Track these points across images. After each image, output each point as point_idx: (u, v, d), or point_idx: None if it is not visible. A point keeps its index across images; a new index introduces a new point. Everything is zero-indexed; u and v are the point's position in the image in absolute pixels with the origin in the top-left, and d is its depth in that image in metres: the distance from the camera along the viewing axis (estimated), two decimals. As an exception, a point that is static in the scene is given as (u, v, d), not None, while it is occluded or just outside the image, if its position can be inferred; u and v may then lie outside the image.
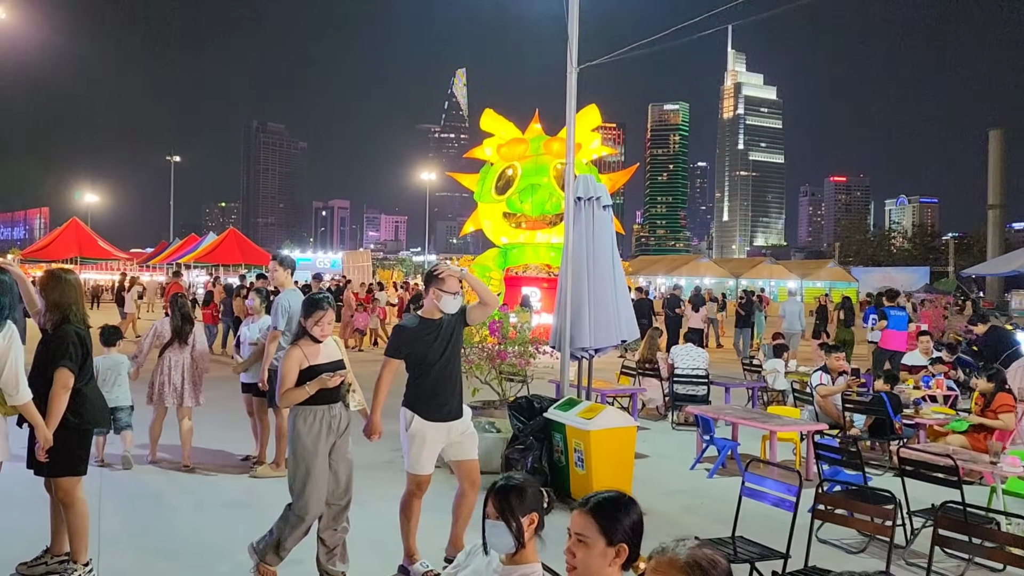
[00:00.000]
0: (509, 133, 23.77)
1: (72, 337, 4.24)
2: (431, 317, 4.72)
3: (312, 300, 4.53)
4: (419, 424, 4.65)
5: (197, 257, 48.63)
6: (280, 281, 6.89)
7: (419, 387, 4.69)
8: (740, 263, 58.62)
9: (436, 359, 4.66)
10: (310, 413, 4.36)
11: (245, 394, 7.30)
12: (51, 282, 4.36)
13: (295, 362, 4.36)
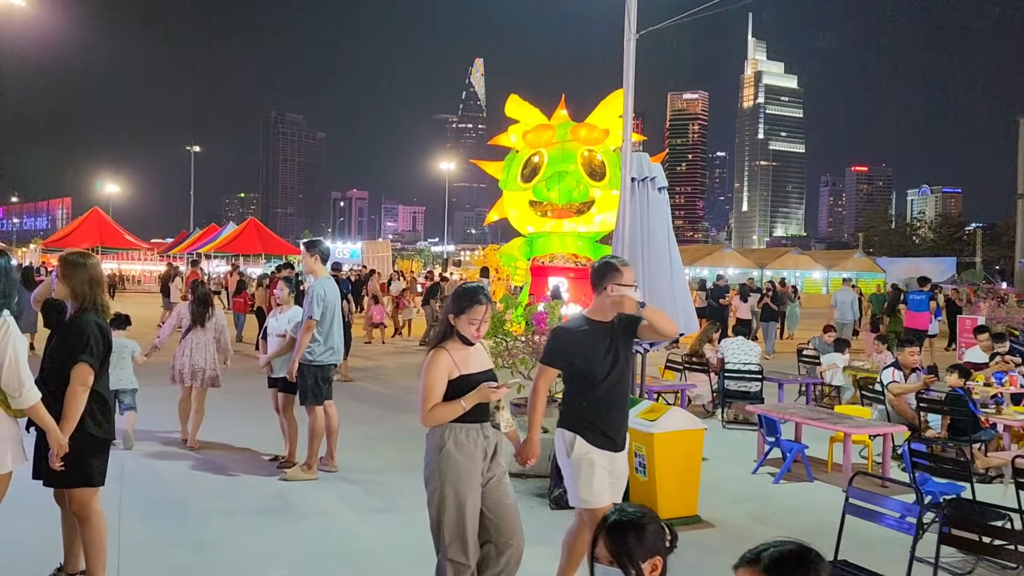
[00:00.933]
0: (535, 119, 23.13)
1: (92, 328, 3.75)
2: (601, 319, 3.78)
3: (466, 291, 3.62)
4: (583, 446, 3.74)
5: (217, 247, 48.52)
6: (311, 269, 6.42)
7: (582, 407, 3.77)
8: (764, 253, 57.63)
9: (606, 373, 3.74)
10: (463, 433, 3.49)
11: (272, 389, 6.83)
12: (70, 267, 3.86)
13: (443, 370, 3.51)
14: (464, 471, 3.44)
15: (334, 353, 6.37)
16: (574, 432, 3.76)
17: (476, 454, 3.49)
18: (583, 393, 3.77)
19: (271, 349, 6.63)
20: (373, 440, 7.78)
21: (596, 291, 3.80)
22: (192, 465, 6.69)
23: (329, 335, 6.27)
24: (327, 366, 6.34)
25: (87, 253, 4.06)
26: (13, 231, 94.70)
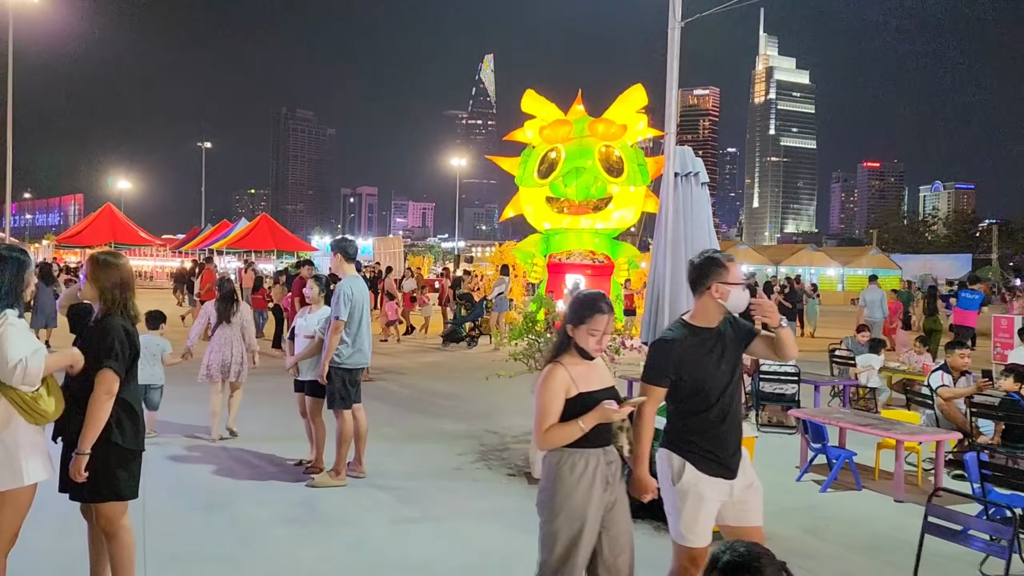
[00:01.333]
0: (551, 114, 22.86)
1: (119, 332, 3.51)
2: (707, 325, 3.31)
3: (587, 299, 3.22)
4: (693, 476, 3.25)
5: (229, 243, 48.46)
6: (338, 268, 6.20)
7: (692, 427, 3.30)
8: (779, 250, 57.18)
9: (721, 389, 3.27)
10: (581, 458, 3.09)
11: (298, 393, 6.60)
12: (100, 268, 3.61)
13: (560, 387, 3.11)
14: (581, 503, 3.05)
15: (363, 355, 6.14)
16: (683, 457, 3.28)
17: (596, 482, 3.09)
18: (694, 413, 3.28)
19: (298, 350, 6.40)
20: (398, 443, 7.55)
21: (697, 291, 3.31)
22: (216, 470, 6.47)
23: (358, 336, 6.04)
24: (356, 369, 6.11)
25: (118, 253, 3.81)
26: (26, 227, 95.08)
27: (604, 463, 3.14)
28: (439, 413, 9.21)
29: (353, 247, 6.23)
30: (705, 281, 3.27)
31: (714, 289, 3.24)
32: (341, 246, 6.17)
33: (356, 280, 6.09)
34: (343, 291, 5.91)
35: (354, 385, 6.13)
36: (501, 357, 15.18)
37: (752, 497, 3.36)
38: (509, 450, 7.37)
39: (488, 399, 10.03)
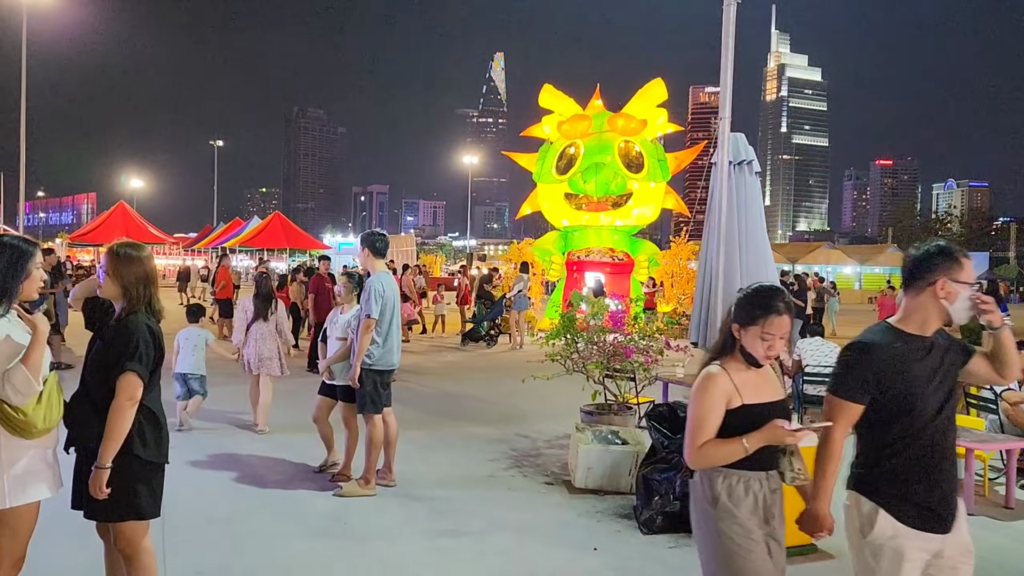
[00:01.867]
0: (569, 109, 22.48)
1: (142, 332, 3.16)
2: (920, 332, 2.63)
3: (761, 295, 2.73)
4: (889, 525, 2.54)
5: (242, 241, 48.28)
6: (366, 263, 5.85)
7: (891, 462, 2.58)
8: (796, 248, 56.55)
9: (935, 411, 2.57)
10: (739, 481, 2.64)
11: (321, 396, 6.23)
12: (121, 262, 3.24)
13: (720, 396, 2.65)
14: (745, 535, 2.60)
15: (393, 356, 5.79)
16: (875, 502, 2.57)
17: (758, 512, 2.64)
18: (896, 440, 2.57)
19: (330, 353, 6.06)
20: (427, 449, 7.19)
21: (912, 288, 2.62)
22: (237, 477, 6.13)
23: (388, 336, 5.70)
24: (387, 371, 5.76)
25: (140, 245, 3.44)
26: (39, 226, 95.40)
27: (768, 490, 2.67)
28: (466, 416, 8.86)
29: (383, 241, 5.88)
30: (928, 276, 2.57)
31: (940, 286, 2.55)
32: (370, 240, 5.81)
33: (386, 276, 5.74)
34: (373, 287, 5.56)
35: (385, 388, 5.79)
36: (522, 357, 14.96)
37: (964, 566, 2.61)
38: (543, 456, 7.00)
39: (515, 400, 9.67)
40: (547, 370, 6.56)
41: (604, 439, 5.94)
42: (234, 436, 7.53)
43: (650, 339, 6.23)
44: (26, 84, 31.99)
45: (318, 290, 12.20)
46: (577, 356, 6.37)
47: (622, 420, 6.29)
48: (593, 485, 5.83)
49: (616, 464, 5.78)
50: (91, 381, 3.19)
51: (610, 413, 6.33)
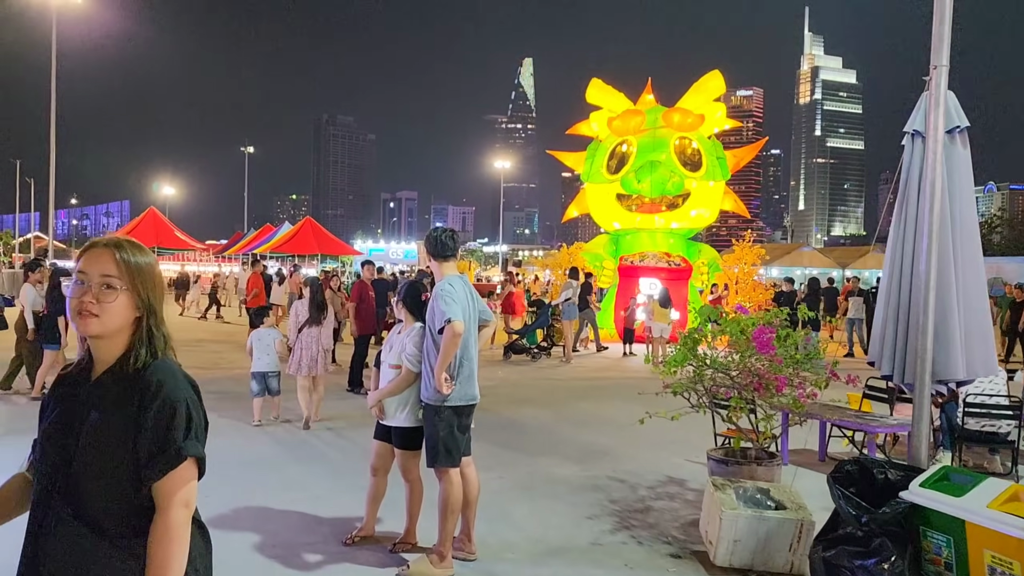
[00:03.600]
0: (620, 105, 21.02)
1: (184, 389, 1.81)
2: None
3: None
4: None
5: (273, 247, 47.36)
6: (433, 268, 4.50)
7: None
8: (846, 252, 54.39)
9: None
10: None
11: (379, 442, 4.80)
12: (141, 271, 1.84)
13: None
14: None
15: (473, 386, 4.42)
16: None
17: None
18: None
19: (383, 383, 4.66)
20: (505, 499, 5.78)
21: None
22: (272, 548, 4.78)
23: (466, 358, 4.32)
24: (466, 407, 4.38)
25: (142, 248, 1.97)
26: (72, 235, 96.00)
27: None
28: (539, 450, 7.43)
29: (452, 242, 4.47)
30: None
31: None
32: (435, 241, 4.43)
33: (458, 279, 4.36)
34: (444, 290, 4.19)
35: (463, 431, 4.40)
36: (576, 373, 13.51)
37: None
38: (653, 511, 5.56)
39: (587, 428, 8.29)
40: (666, 406, 5.13)
41: (752, 500, 4.50)
42: (260, 474, 6.20)
43: (806, 365, 4.75)
44: (56, 91, 31.34)
45: (361, 299, 10.91)
46: (702, 388, 4.91)
47: (768, 473, 4.83)
48: (740, 563, 4.38)
49: (771, 536, 4.32)
50: (91, 491, 1.78)
51: (751, 463, 4.86)
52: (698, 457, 6.38)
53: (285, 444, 7.44)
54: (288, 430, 8.02)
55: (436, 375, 4.14)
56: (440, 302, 4.16)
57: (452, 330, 4.06)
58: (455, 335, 4.07)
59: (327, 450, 7.27)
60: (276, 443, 7.49)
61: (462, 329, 4.10)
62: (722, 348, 5.23)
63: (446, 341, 4.08)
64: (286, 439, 7.65)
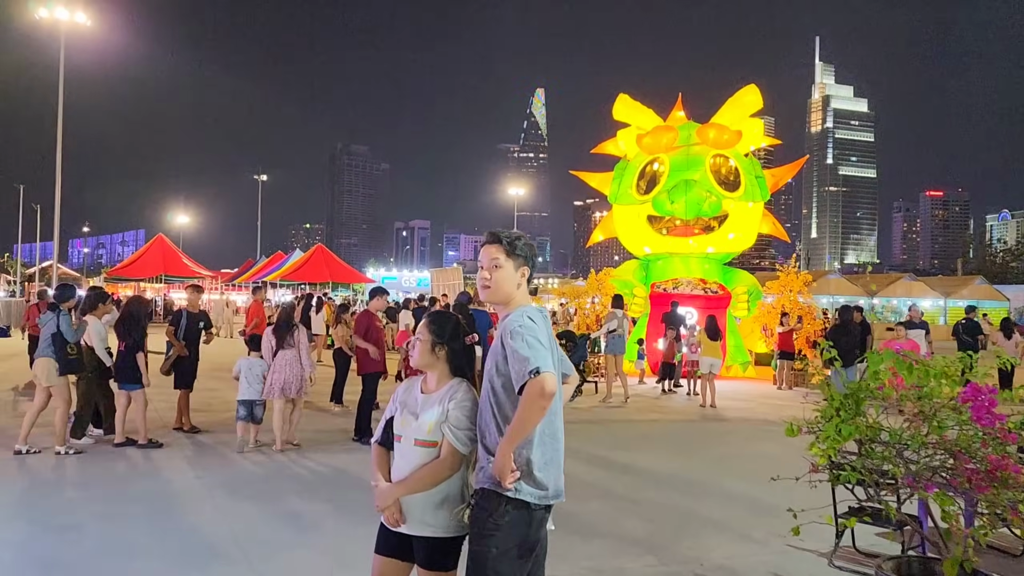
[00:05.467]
0: (649, 121, 19.65)
1: None
2: None
3: None
4: None
5: (284, 275, 46.30)
6: (501, 289, 2.99)
7: None
8: (875, 280, 52.72)
9: None
10: None
11: (384, 558, 2.95)
12: None
13: None
14: None
15: (558, 470, 2.86)
16: None
17: None
18: None
19: (399, 472, 2.98)
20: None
21: None
22: None
23: (549, 434, 2.79)
24: (542, 509, 2.82)
25: None
26: (84, 263, 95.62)
27: None
28: (593, 527, 5.82)
29: (533, 254, 2.99)
30: None
31: None
32: (509, 241, 2.94)
33: (539, 313, 2.85)
34: (524, 325, 2.71)
35: (527, 553, 2.81)
36: (612, 415, 11.93)
37: None
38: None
39: (648, 489, 6.79)
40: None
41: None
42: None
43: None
44: (63, 115, 30.40)
45: (366, 332, 9.34)
46: (875, 473, 3.34)
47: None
48: None
49: None
50: None
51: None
52: (817, 541, 4.81)
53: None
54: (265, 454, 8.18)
55: (501, 455, 2.65)
56: (518, 343, 2.65)
57: (540, 388, 2.57)
58: (543, 395, 2.57)
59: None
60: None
61: (554, 387, 2.61)
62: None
63: (528, 404, 2.58)
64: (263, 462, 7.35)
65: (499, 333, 2.78)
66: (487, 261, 2.91)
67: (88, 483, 6.87)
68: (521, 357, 2.62)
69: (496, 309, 2.98)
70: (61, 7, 29.71)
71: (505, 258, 2.89)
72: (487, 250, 2.93)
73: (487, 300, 2.95)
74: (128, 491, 6.60)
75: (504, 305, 2.90)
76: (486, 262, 2.91)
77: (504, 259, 2.89)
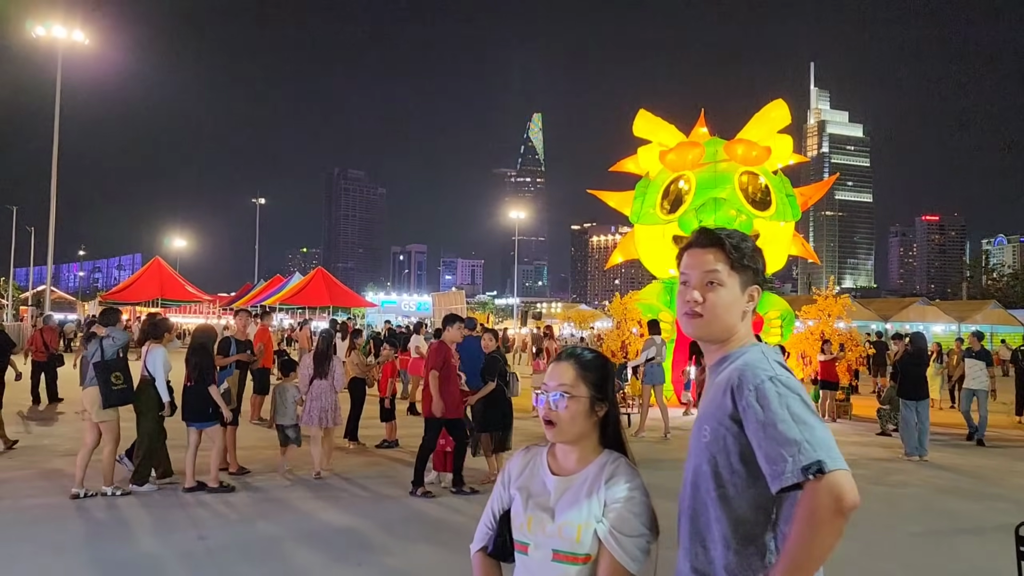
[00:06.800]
0: (671, 138, 18.78)
1: None
2: None
3: None
4: None
5: (283, 299, 45.31)
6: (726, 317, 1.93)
7: None
8: (887, 304, 51.66)
9: None
10: None
11: None
12: None
13: None
14: None
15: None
16: None
17: None
18: None
19: None
20: None
21: None
22: None
23: None
24: None
25: None
26: (79, 287, 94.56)
27: None
28: None
29: (757, 255, 1.95)
30: None
31: None
32: (734, 246, 1.86)
33: (773, 351, 1.83)
34: (778, 378, 1.68)
35: None
36: (661, 453, 10.85)
37: None
38: None
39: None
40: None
41: None
42: None
43: None
44: (58, 136, 29.50)
45: (444, 367, 7.69)
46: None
47: None
48: None
49: None
50: None
51: None
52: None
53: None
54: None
55: None
56: (776, 412, 1.61)
57: (833, 497, 1.52)
58: (839, 511, 1.52)
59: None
60: None
61: (856, 495, 1.53)
62: None
63: (815, 525, 1.52)
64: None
65: (726, 385, 1.76)
66: (698, 275, 1.87)
67: (159, 529, 6.25)
68: (787, 439, 1.58)
69: (706, 350, 1.93)
70: (58, 25, 29.00)
71: (729, 272, 1.85)
72: (699, 257, 1.89)
73: (695, 335, 1.90)
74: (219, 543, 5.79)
75: (719, 344, 1.88)
76: (696, 276, 1.87)
77: (727, 274, 1.85)
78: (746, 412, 1.66)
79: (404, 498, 7.60)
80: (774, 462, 1.58)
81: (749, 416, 1.65)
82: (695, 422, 1.87)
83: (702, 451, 1.78)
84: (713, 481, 1.74)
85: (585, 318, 40.35)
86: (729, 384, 1.74)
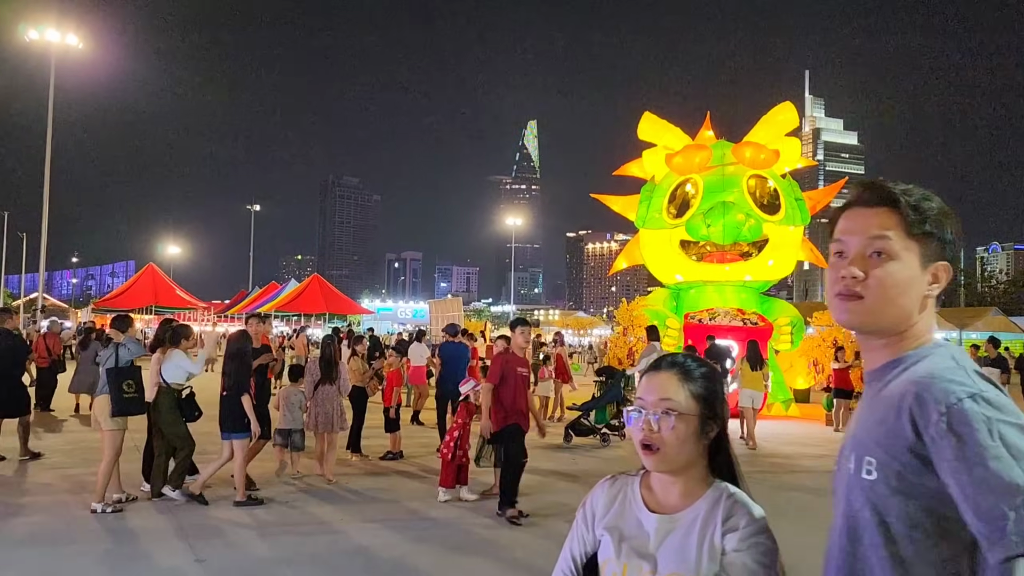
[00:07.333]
0: (677, 141, 18.41)
1: None
2: None
3: None
4: None
5: (278, 306, 44.74)
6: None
7: None
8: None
9: None
10: None
11: None
12: None
13: None
14: None
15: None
16: None
17: None
18: None
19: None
20: None
21: None
22: None
23: None
24: None
25: None
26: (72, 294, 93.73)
27: None
28: None
29: (953, 236, 1.42)
30: None
31: None
32: (913, 205, 1.40)
33: (966, 357, 1.39)
34: (983, 396, 1.21)
35: None
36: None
37: None
38: None
39: None
40: None
41: None
42: None
43: None
44: (51, 141, 29.04)
45: (504, 379, 7.07)
46: None
47: None
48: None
49: None
50: None
51: None
52: None
53: None
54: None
55: None
56: (987, 448, 1.15)
57: None
58: None
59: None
60: None
61: None
62: None
63: None
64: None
65: (899, 402, 1.29)
66: (860, 242, 1.38)
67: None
68: (1005, 484, 1.12)
69: (866, 347, 1.48)
70: (52, 29, 28.56)
71: (905, 241, 1.36)
72: (862, 219, 1.40)
73: (852, 324, 1.40)
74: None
75: (888, 340, 1.40)
76: (856, 244, 1.39)
77: (902, 243, 1.36)
78: (937, 444, 1.20)
79: (413, 518, 7.16)
80: (989, 518, 1.13)
81: (942, 450, 1.19)
82: (842, 449, 1.44)
83: (861, 493, 1.32)
84: (881, 536, 1.28)
85: (584, 325, 39.97)
86: (905, 402, 1.28)
